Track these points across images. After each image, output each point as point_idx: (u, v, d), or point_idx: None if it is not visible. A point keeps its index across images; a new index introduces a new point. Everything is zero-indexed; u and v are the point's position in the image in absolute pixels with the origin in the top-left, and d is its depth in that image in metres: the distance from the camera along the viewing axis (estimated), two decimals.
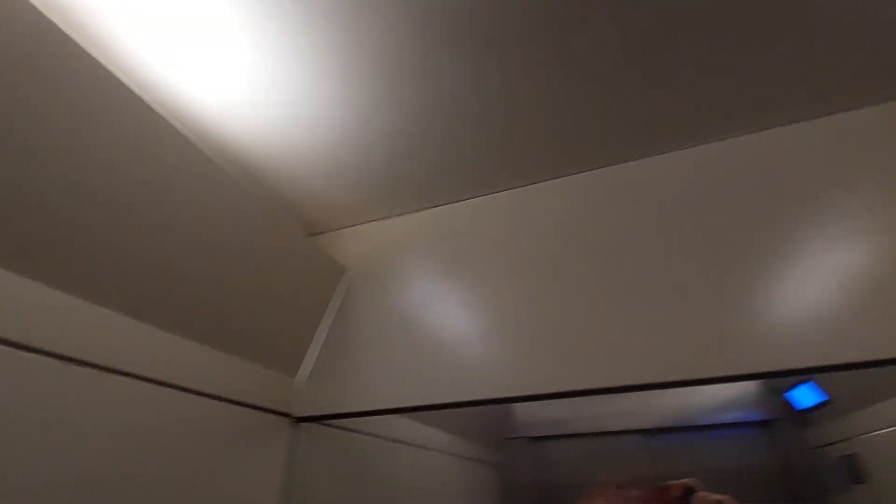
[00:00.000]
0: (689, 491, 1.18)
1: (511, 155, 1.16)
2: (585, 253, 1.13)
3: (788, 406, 2.36)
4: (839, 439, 2.04)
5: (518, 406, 2.93)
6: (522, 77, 0.94)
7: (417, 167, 1.17)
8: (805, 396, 2.16)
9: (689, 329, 0.96)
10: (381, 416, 1.47)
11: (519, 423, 2.89)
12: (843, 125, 1.05)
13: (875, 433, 1.79)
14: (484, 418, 2.52)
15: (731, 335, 0.93)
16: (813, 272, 0.94)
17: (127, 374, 0.78)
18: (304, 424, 1.15)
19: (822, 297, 0.92)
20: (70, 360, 0.71)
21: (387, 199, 1.29)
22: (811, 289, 0.93)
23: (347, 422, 1.30)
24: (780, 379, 2.33)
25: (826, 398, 2.01)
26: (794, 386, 2.21)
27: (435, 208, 1.32)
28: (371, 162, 1.15)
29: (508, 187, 1.27)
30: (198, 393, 0.91)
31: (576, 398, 2.87)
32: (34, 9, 0.64)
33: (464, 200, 1.30)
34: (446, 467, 2.03)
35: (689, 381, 0.93)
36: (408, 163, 1.16)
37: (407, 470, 1.64)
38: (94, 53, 0.75)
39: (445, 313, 1.19)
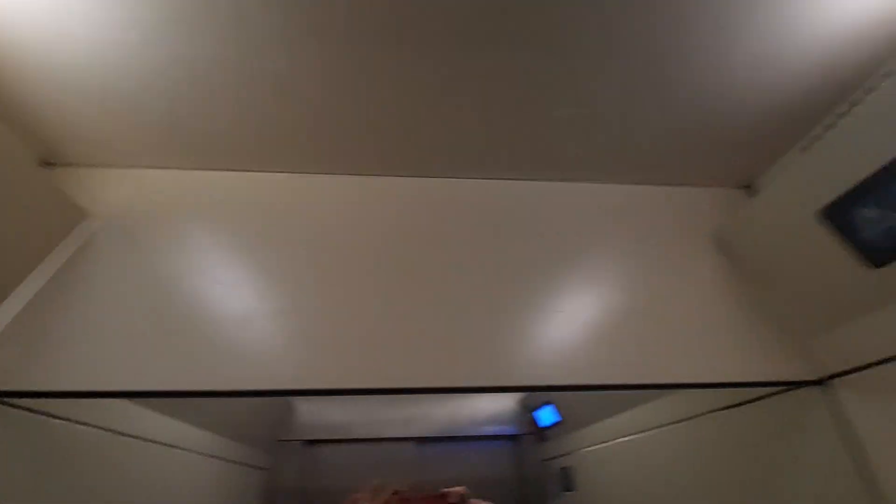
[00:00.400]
0: (462, 498, 1.25)
1: (325, 140, 1.11)
2: (384, 256, 1.13)
3: (534, 423, 2.75)
4: (561, 454, 2.45)
5: (297, 408, 2.80)
6: (345, 67, 0.90)
7: (211, 119, 1.03)
8: (546, 416, 2.54)
9: (466, 343, 1.03)
10: (108, 402, 1.22)
11: (295, 425, 2.76)
12: (619, 195, 1.28)
13: (584, 449, 2.20)
14: (253, 416, 2.33)
15: (500, 352, 1.03)
16: (571, 309, 1.11)
17: None
18: None
19: (576, 330, 1.09)
20: None
21: (166, 147, 1.10)
22: (568, 321, 1.09)
23: (52, 405, 1.03)
24: (530, 399, 2.71)
25: (560, 418, 2.40)
26: (540, 406, 2.58)
27: (227, 172, 1.17)
28: (150, 95, 0.96)
29: (319, 172, 1.21)
30: None
31: (358, 404, 2.85)
32: None
33: (265, 172, 1.19)
34: (198, 470, 1.79)
35: (461, 388, 1.00)
36: (200, 110, 1.00)
37: (139, 472, 1.37)
38: None
39: (213, 289, 1.05)
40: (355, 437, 2.79)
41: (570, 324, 1.10)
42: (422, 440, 2.79)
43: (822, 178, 0.94)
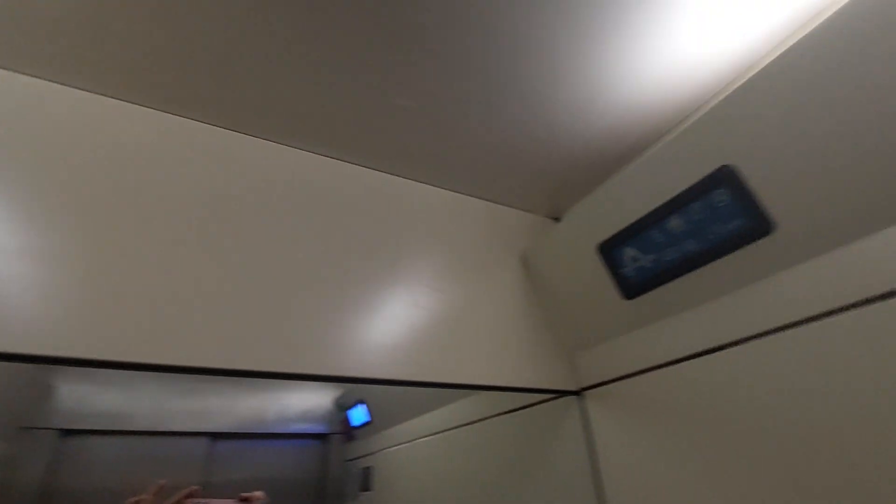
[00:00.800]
0: None
1: (126, 59, 0.92)
2: (189, 210, 0.95)
3: (347, 422, 2.70)
4: (364, 454, 2.44)
5: (56, 390, 2.30)
6: None
7: None
8: (358, 415, 2.52)
9: (274, 323, 0.93)
10: None
11: (51, 411, 2.26)
12: (447, 200, 1.31)
13: (385, 450, 2.22)
14: None
15: (310, 339, 0.96)
16: (387, 303, 1.09)
17: None
18: None
19: (389, 325, 1.06)
20: None
21: None
22: (383, 316, 1.07)
23: None
24: (344, 397, 2.66)
25: (369, 419, 2.40)
26: (353, 405, 2.55)
27: None
28: None
29: (115, 96, 0.99)
30: None
31: (140, 390, 2.47)
32: None
33: (38, 79, 0.94)
34: None
35: (266, 373, 0.89)
36: None
37: None
38: None
39: None
40: (134, 428, 2.40)
41: (385, 318, 1.08)
42: (217, 436, 2.52)
43: (603, 217, 1.09)
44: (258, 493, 1.25)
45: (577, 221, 1.17)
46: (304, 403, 2.72)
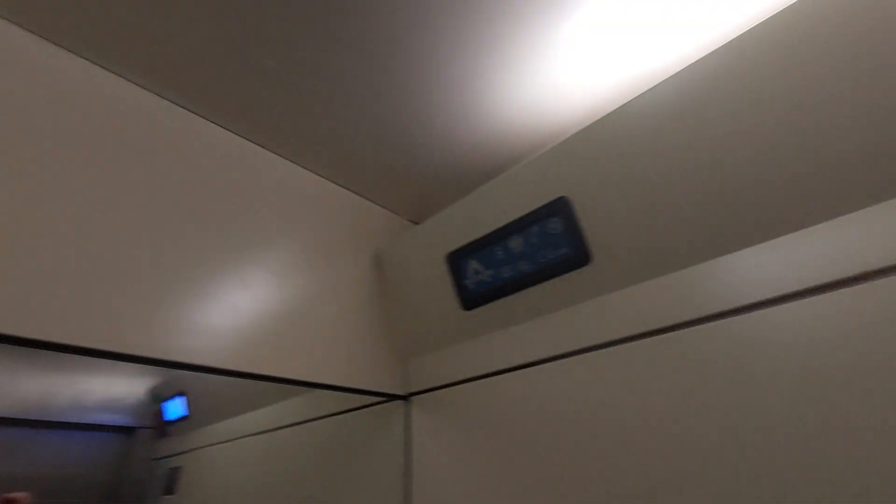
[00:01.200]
0: None
1: None
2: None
3: (160, 416, 2.37)
4: (176, 452, 2.17)
5: None
6: None
7: None
8: (174, 409, 2.23)
9: (89, 290, 0.77)
10: None
11: None
12: (309, 183, 1.22)
13: (200, 449, 1.99)
14: None
15: (133, 312, 0.82)
16: (225, 285, 0.97)
17: None
18: None
19: (223, 311, 0.95)
20: None
21: None
22: (219, 299, 0.95)
23: None
24: (162, 388, 2.34)
25: (187, 414, 2.13)
26: (171, 397, 2.25)
27: None
28: None
29: None
30: None
31: None
32: None
33: None
34: None
35: (65, 346, 0.74)
36: None
37: None
38: None
39: None
40: None
41: (216, 299, 0.95)
42: None
43: (457, 228, 1.11)
44: (21, 495, 1.06)
45: (434, 228, 1.18)
46: (110, 390, 2.33)
